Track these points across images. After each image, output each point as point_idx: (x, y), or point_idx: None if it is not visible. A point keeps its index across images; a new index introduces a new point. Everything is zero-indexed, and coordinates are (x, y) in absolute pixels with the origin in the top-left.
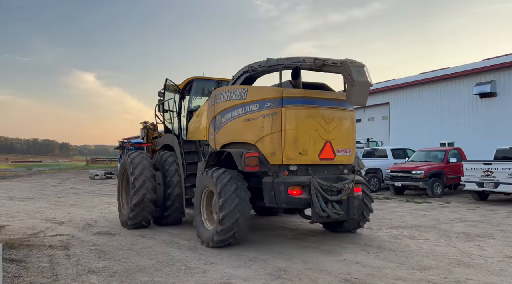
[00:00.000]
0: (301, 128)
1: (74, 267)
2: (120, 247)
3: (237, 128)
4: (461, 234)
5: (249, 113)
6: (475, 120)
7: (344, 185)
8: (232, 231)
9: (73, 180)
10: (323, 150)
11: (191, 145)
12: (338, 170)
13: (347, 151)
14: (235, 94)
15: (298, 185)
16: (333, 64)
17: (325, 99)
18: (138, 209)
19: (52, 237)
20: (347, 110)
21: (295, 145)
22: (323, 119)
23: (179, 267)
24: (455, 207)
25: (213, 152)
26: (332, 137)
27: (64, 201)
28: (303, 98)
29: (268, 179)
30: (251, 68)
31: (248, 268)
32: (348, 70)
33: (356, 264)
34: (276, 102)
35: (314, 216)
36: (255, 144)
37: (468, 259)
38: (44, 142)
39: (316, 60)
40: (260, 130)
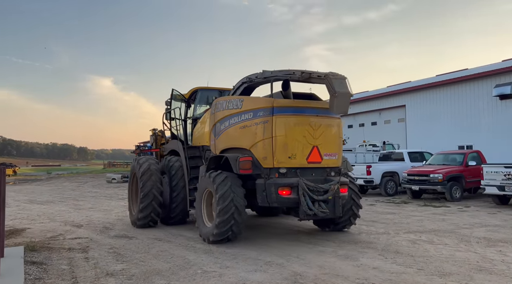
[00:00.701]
0: (290, 135)
1: (92, 270)
2: (137, 250)
3: (234, 134)
4: (482, 239)
5: (244, 121)
6: (495, 122)
7: (329, 186)
8: (229, 223)
9: (90, 184)
10: (310, 154)
11: (195, 150)
12: (325, 172)
13: (334, 155)
14: (232, 104)
15: (287, 186)
16: (318, 77)
17: (312, 108)
18: (146, 210)
19: (71, 240)
20: (333, 118)
21: (285, 150)
22: (310, 126)
23: (195, 270)
24: (475, 212)
25: (213, 157)
26: (319, 142)
27: (82, 205)
28: (292, 108)
29: (260, 181)
30: (249, 79)
31: (264, 272)
32: (331, 82)
33: (374, 269)
34: (267, 111)
35: (302, 214)
36: (250, 149)
37: (490, 265)
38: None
39: (303, 73)
40: (254, 137)
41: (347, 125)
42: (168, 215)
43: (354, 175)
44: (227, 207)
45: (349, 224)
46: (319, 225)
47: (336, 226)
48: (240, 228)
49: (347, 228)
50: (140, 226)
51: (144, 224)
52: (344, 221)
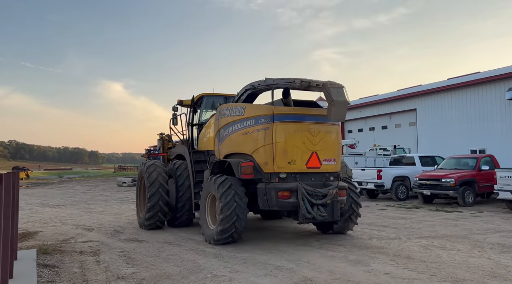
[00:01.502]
0: (289, 141)
1: (103, 273)
2: (148, 254)
3: (236, 140)
4: (496, 245)
5: (246, 127)
6: (508, 126)
7: (328, 190)
8: (230, 231)
9: (101, 187)
10: (310, 160)
11: (200, 154)
12: (324, 177)
13: (332, 160)
14: (235, 111)
15: (287, 190)
16: (316, 86)
17: (312, 115)
18: (153, 212)
19: (82, 243)
20: (332, 125)
21: (285, 155)
22: (309, 132)
23: (205, 274)
24: (488, 217)
25: (217, 161)
26: (318, 148)
27: (93, 208)
28: (292, 115)
29: (261, 185)
30: (252, 86)
31: (273, 277)
32: (328, 91)
33: (385, 275)
34: (268, 118)
35: (301, 218)
36: (251, 154)
37: (504, 271)
38: (74, 150)
39: (302, 82)
40: (255, 143)
41: (357, 129)
42: (174, 217)
43: (364, 179)
44: (229, 216)
45: (347, 229)
46: (320, 228)
47: (333, 230)
48: (240, 234)
49: (345, 232)
50: (148, 226)
51: (151, 224)
52: (343, 227)
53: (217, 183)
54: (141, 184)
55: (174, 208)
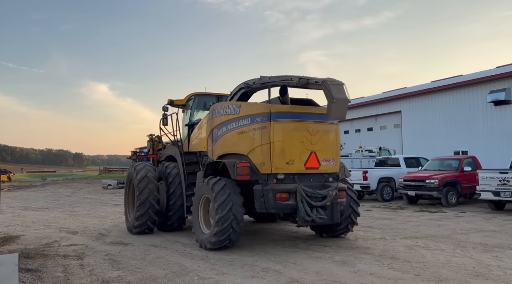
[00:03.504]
0: (287, 140)
1: (88, 277)
2: (133, 257)
3: (231, 140)
4: (478, 244)
5: (242, 126)
6: (490, 128)
7: (327, 191)
8: (227, 232)
9: (86, 190)
10: (308, 160)
11: (192, 156)
12: (323, 178)
13: (331, 161)
14: (229, 110)
15: (285, 192)
16: (315, 83)
17: (310, 113)
18: (143, 218)
19: (66, 247)
20: (331, 124)
21: (282, 155)
22: (308, 132)
23: (192, 277)
24: (470, 217)
25: (210, 163)
26: (316, 148)
27: (77, 211)
28: (290, 113)
29: (258, 187)
30: (246, 85)
31: (261, 279)
32: (328, 88)
33: (371, 275)
34: (265, 117)
35: (300, 220)
36: (247, 155)
37: (486, 270)
38: (58, 152)
39: (301, 79)
40: (252, 142)
41: (343, 131)
42: (165, 222)
43: (351, 181)
44: (225, 216)
45: (346, 231)
46: (317, 231)
47: (333, 232)
48: (238, 236)
49: (344, 234)
50: (136, 233)
51: (140, 231)
52: (342, 228)
53: (211, 183)
54: (129, 187)
55: (164, 212)
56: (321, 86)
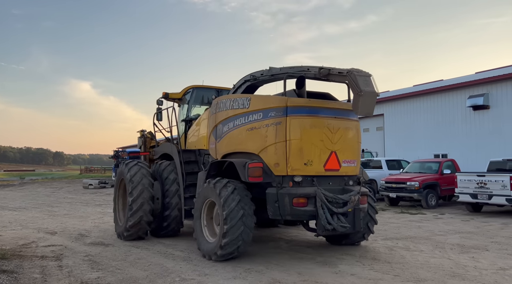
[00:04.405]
0: (306, 138)
1: (66, 278)
2: (114, 258)
3: (239, 137)
4: (456, 245)
5: (252, 122)
6: (469, 132)
7: (350, 197)
8: (237, 244)
9: (66, 190)
10: (328, 161)
11: (190, 154)
12: (343, 181)
13: (352, 162)
14: (237, 103)
15: (303, 197)
16: (339, 73)
17: (330, 108)
18: (136, 222)
19: (44, 248)
20: (352, 120)
21: (300, 155)
22: (328, 129)
23: (173, 278)
24: (449, 219)
25: (214, 162)
26: (337, 147)
27: (57, 211)
28: (308, 108)
29: (272, 190)
30: (253, 77)
31: (243, 280)
32: (355, 80)
33: (352, 276)
34: (280, 111)
35: (319, 229)
36: (258, 154)
37: (463, 271)
38: (38, 151)
39: (322, 69)
40: (264, 140)
41: None
42: (160, 227)
43: None
44: (235, 227)
45: (361, 239)
46: (329, 238)
47: (347, 240)
48: (247, 247)
49: (359, 243)
50: (128, 237)
51: (132, 236)
52: (358, 236)
53: (218, 187)
54: (120, 187)
55: (159, 216)
56: (346, 77)
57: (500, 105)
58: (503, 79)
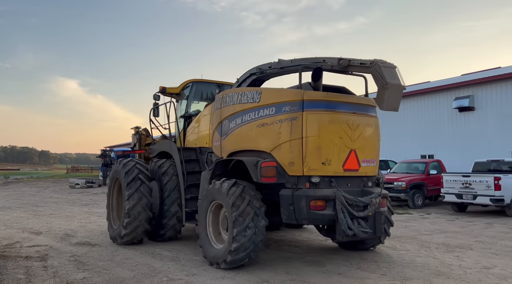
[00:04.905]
0: (324, 135)
1: (51, 279)
2: (100, 258)
3: (248, 134)
4: (441, 245)
5: (264, 117)
6: (455, 133)
7: (371, 199)
8: (248, 249)
9: (52, 189)
10: (347, 160)
11: (191, 152)
12: (362, 182)
13: (372, 162)
14: (246, 97)
15: (321, 199)
16: (361, 65)
17: (349, 103)
18: (132, 227)
19: (29, 248)
20: (372, 116)
21: (318, 154)
22: (347, 125)
23: (161, 278)
24: (435, 218)
25: (219, 161)
26: (357, 145)
27: (42, 211)
28: (326, 102)
29: (286, 192)
30: (260, 70)
31: (231, 279)
32: (379, 71)
33: (339, 275)
34: (295, 106)
35: (339, 235)
36: (270, 152)
37: (448, 270)
38: (23, 149)
39: (341, 60)
40: (277, 137)
41: None
42: (157, 231)
43: None
44: (246, 229)
45: (377, 243)
46: (343, 245)
47: (363, 245)
48: (258, 252)
49: (374, 248)
50: (124, 242)
51: (126, 242)
52: (374, 240)
53: (226, 188)
54: (114, 188)
55: (157, 218)
56: (369, 68)
57: (485, 107)
58: (488, 82)
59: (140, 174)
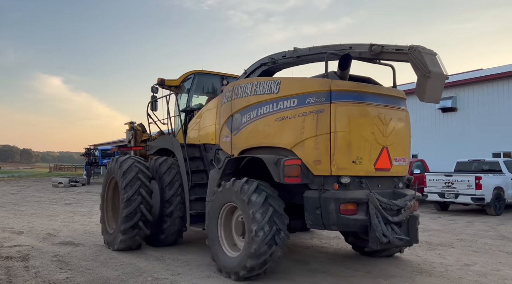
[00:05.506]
0: (355, 130)
1: (33, 279)
2: (84, 258)
3: (264, 129)
4: (424, 243)
5: (283, 110)
6: (438, 133)
7: (405, 202)
8: (269, 251)
9: (34, 188)
10: (379, 159)
11: (194, 149)
12: (393, 183)
13: (404, 161)
14: (262, 88)
15: (353, 203)
16: (397, 51)
17: (380, 95)
18: (131, 232)
19: (10, 248)
20: (403, 110)
21: (348, 151)
22: (379, 119)
23: (146, 278)
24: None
25: (231, 159)
26: (389, 142)
27: (24, 210)
28: (357, 93)
29: (312, 194)
30: (272, 60)
31: (216, 278)
32: (420, 58)
33: (323, 273)
34: (322, 97)
35: (373, 242)
36: (291, 149)
37: (430, 267)
38: (4, 147)
39: (373, 46)
40: (300, 132)
41: None
42: (157, 235)
43: None
44: (265, 228)
45: (404, 247)
46: (359, 248)
47: (385, 251)
48: (280, 256)
49: (398, 252)
50: (120, 249)
51: (125, 248)
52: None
53: (241, 186)
54: (109, 188)
55: (157, 222)
56: (407, 55)
57: (466, 108)
58: (470, 83)
59: (140, 173)
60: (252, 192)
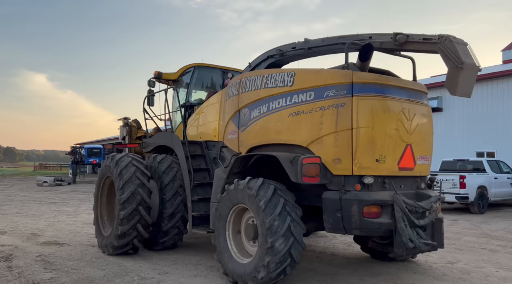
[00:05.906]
0: (378, 126)
1: (16, 279)
2: (69, 258)
3: (277, 125)
4: None
5: (299, 104)
6: None
7: (431, 204)
8: (285, 263)
9: (18, 187)
10: (403, 157)
11: (195, 147)
12: (415, 183)
13: (427, 159)
14: (274, 80)
15: (377, 205)
16: (424, 41)
17: (403, 88)
18: (128, 236)
19: None
20: (426, 105)
21: (371, 148)
22: (403, 114)
23: (132, 277)
24: None
25: (239, 157)
26: (413, 139)
27: (7, 209)
28: (379, 86)
29: (332, 195)
30: (280, 51)
31: (204, 278)
32: (452, 48)
33: (311, 271)
34: (343, 90)
35: (399, 248)
36: (307, 146)
37: (414, 265)
38: None
39: (398, 36)
40: (317, 128)
41: None
42: (155, 239)
43: None
44: (282, 238)
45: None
46: (376, 254)
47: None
48: (295, 266)
49: (414, 257)
50: (117, 254)
51: (122, 252)
52: None
53: (257, 189)
54: (103, 188)
55: (156, 224)
56: (436, 45)
57: (452, 108)
58: None
59: (138, 173)
60: (269, 199)
